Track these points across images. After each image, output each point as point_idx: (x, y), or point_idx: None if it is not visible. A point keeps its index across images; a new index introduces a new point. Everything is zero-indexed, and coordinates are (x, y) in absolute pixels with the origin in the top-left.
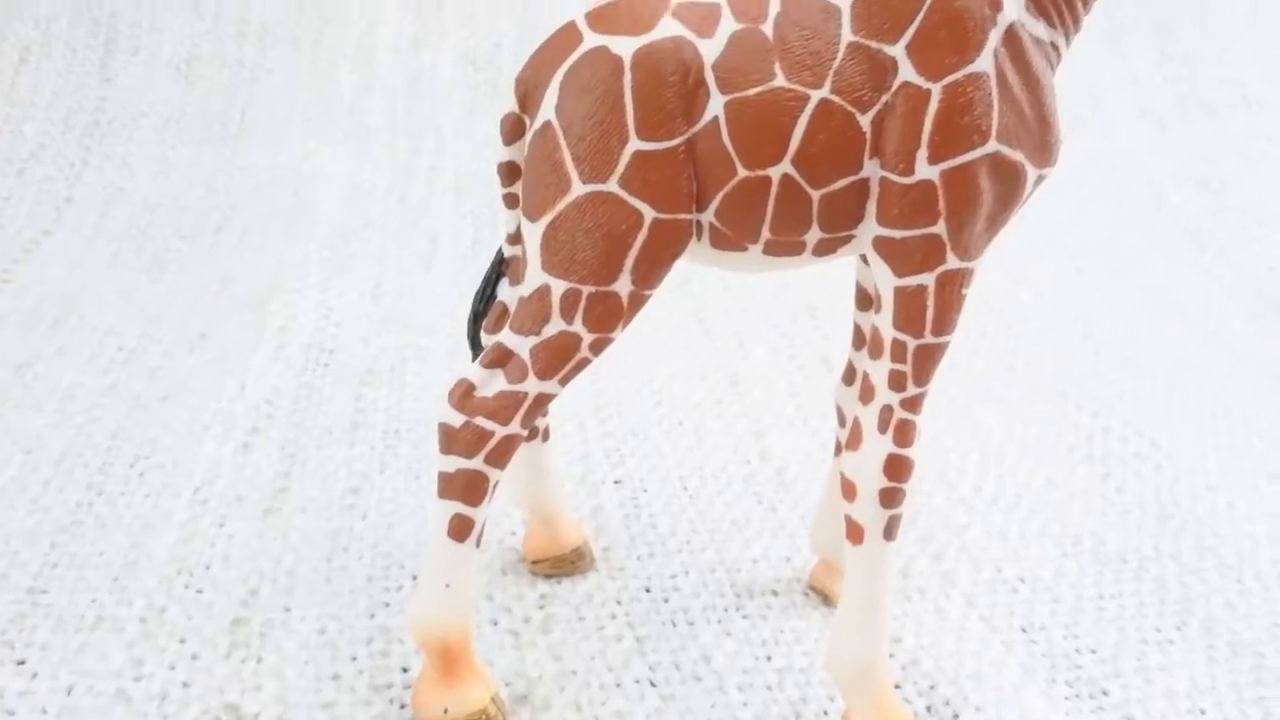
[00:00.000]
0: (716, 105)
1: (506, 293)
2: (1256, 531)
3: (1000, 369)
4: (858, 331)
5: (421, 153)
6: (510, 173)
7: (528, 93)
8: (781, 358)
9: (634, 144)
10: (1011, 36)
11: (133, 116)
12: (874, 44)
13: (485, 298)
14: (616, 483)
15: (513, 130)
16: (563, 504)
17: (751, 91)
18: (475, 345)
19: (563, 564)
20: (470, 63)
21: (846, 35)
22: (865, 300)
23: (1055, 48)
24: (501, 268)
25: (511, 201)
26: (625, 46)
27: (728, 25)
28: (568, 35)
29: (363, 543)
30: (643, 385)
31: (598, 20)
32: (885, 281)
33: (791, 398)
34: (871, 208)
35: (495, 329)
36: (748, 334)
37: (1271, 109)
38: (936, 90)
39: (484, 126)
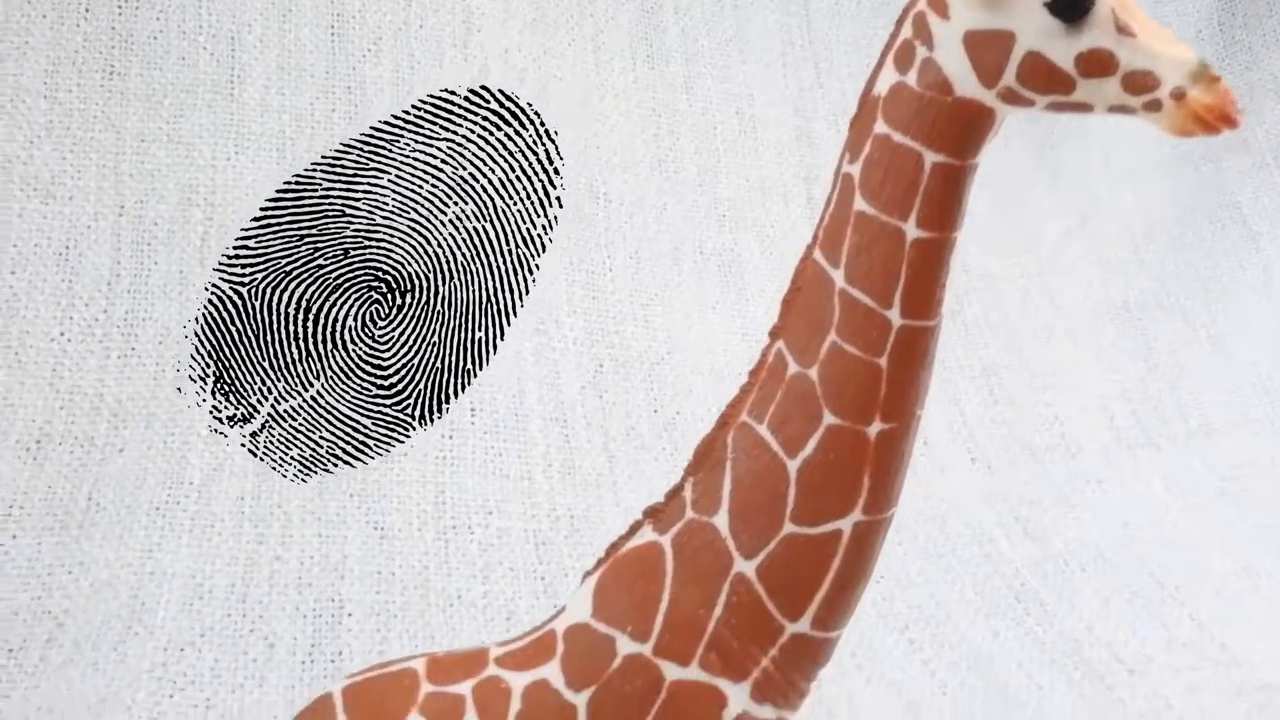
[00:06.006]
0: None
1: None
2: None
3: None
4: None
5: (266, 541)
6: None
7: None
8: None
9: None
10: None
11: None
12: None
13: None
14: None
15: None
16: None
17: None
18: None
19: None
20: None
21: None
22: None
23: None
24: None
25: None
26: None
27: None
28: (323, 712)
29: None
30: None
31: (352, 702)
32: None
33: None
34: None
35: None
36: None
37: (1089, 451)
38: None
39: (333, 506)
